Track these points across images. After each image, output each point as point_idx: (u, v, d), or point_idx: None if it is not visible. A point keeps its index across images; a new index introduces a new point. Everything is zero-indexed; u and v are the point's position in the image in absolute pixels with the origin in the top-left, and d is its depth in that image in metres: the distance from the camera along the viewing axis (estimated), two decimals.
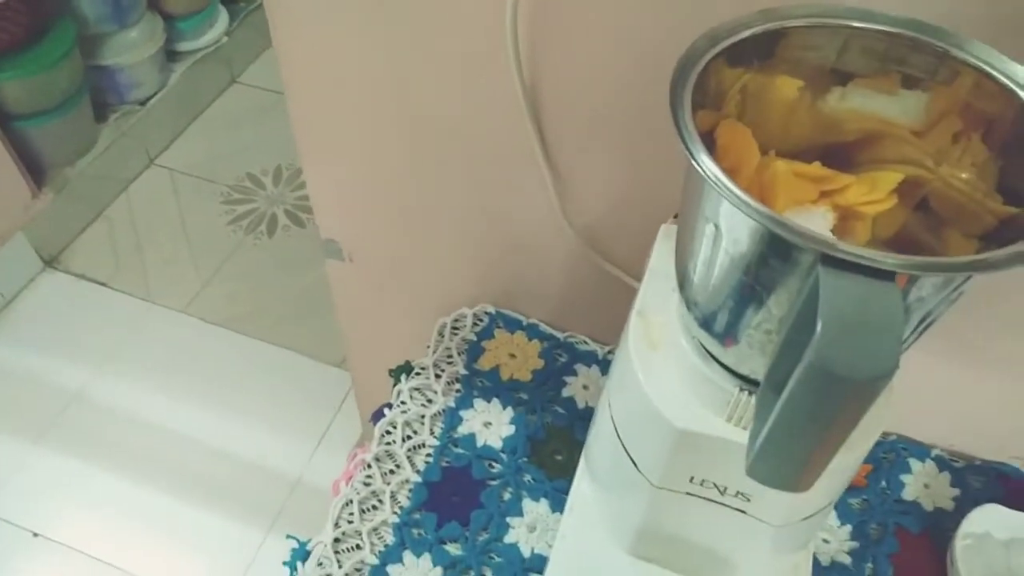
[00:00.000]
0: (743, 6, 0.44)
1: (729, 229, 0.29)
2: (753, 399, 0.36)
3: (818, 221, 0.33)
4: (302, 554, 0.57)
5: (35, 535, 1.16)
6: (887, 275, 0.24)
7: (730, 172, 0.31)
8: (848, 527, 0.58)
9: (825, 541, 0.58)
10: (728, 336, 0.35)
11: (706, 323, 0.35)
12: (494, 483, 0.60)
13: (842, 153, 0.37)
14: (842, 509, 0.59)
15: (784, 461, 0.27)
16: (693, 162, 0.27)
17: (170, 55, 1.63)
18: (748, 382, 0.36)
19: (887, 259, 0.24)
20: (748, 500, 0.40)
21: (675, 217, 0.54)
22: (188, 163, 1.66)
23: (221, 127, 1.74)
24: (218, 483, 1.22)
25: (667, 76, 0.51)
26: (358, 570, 0.55)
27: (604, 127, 0.54)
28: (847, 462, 0.38)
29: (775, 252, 0.27)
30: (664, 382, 0.39)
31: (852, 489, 0.60)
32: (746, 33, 0.32)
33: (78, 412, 1.29)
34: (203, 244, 1.53)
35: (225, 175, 1.64)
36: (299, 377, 1.34)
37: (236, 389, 1.32)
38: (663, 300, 0.42)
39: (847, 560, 0.57)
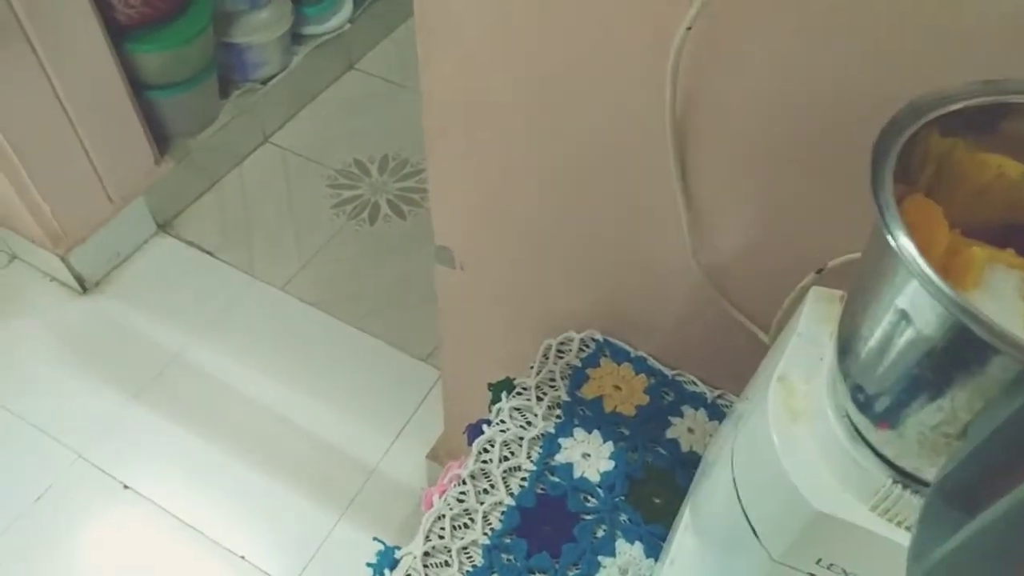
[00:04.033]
0: (929, 61, 0.41)
1: (924, 324, 0.26)
2: (907, 493, 0.33)
3: (1009, 295, 0.30)
4: (390, 561, 0.57)
5: (125, 487, 1.22)
6: None
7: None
8: None
9: None
10: (887, 423, 0.32)
11: (865, 405, 0.33)
12: (588, 518, 0.58)
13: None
14: None
15: None
16: (900, 253, 0.25)
17: (295, 38, 1.67)
18: (903, 474, 0.33)
19: None
20: None
21: (818, 273, 0.51)
22: (300, 144, 1.71)
23: (334, 112, 1.77)
24: (298, 461, 1.25)
25: (831, 125, 0.48)
26: None
27: (751, 168, 0.52)
28: None
29: (981, 360, 0.25)
30: (804, 457, 0.37)
31: None
32: (957, 106, 0.29)
33: (175, 374, 1.35)
34: (306, 224, 1.57)
35: (333, 159, 1.68)
36: (385, 367, 1.36)
37: (324, 371, 1.35)
38: (809, 368, 0.39)
39: None
